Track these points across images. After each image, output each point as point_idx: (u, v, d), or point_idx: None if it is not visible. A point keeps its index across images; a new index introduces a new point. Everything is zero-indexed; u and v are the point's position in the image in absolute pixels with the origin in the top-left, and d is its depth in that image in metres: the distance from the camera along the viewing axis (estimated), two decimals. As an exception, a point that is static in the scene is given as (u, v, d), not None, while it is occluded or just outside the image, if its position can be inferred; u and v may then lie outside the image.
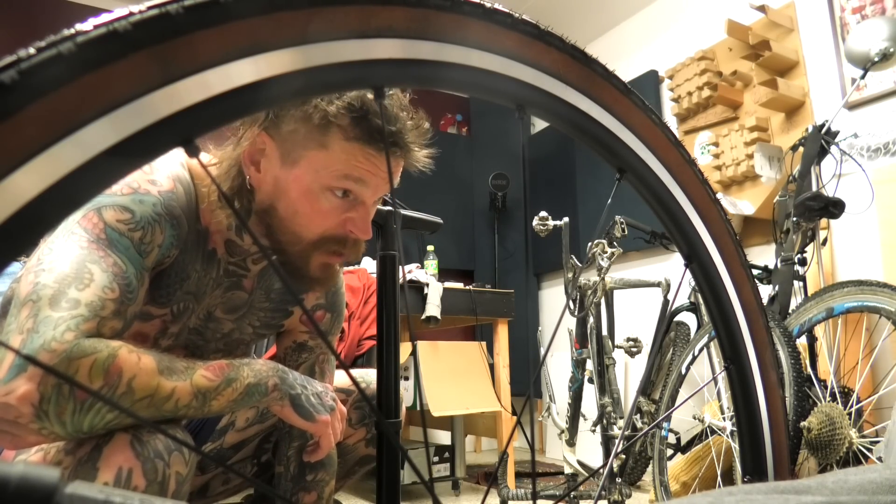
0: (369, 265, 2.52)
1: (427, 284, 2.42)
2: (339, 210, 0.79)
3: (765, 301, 0.91)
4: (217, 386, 0.72)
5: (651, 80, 3.30)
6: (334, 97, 0.73)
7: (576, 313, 2.06)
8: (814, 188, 1.90)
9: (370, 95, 0.73)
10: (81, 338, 0.62)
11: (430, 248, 2.96)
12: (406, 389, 2.53)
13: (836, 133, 1.90)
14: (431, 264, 2.88)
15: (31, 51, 0.23)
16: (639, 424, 2.10)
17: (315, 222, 0.79)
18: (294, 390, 0.82)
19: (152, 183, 0.77)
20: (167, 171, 0.80)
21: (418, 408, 2.49)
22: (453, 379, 2.53)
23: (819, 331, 1.81)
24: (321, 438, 0.86)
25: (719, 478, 1.91)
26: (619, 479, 1.78)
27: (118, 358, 0.63)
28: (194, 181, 0.83)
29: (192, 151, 0.28)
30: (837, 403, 1.56)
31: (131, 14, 0.25)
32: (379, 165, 0.77)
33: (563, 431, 2.08)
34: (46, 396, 0.59)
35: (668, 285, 2.26)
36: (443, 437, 3.16)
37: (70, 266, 0.67)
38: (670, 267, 3.08)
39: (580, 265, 2.19)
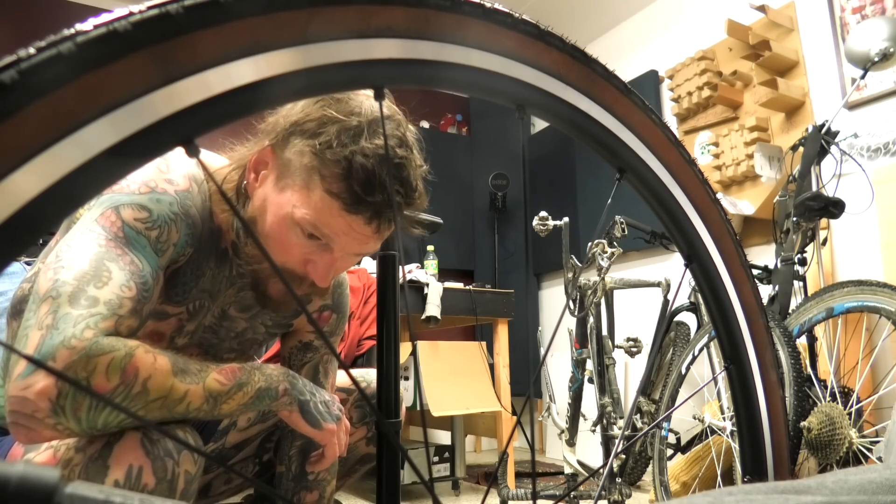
0: (369, 265, 2.52)
1: (427, 284, 2.42)
2: (305, 249, 0.78)
3: (765, 301, 0.91)
4: (229, 390, 0.72)
5: (651, 80, 3.30)
6: (332, 144, 0.72)
7: (576, 313, 2.06)
8: (814, 188, 1.90)
9: (361, 158, 0.71)
10: (100, 336, 0.63)
11: (430, 248, 2.96)
12: (406, 389, 2.53)
13: (836, 133, 1.90)
14: (431, 264, 2.88)
15: (31, 51, 0.23)
16: (639, 424, 2.10)
17: (278, 251, 0.79)
18: (303, 396, 0.82)
19: (169, 182, 0.78)
20: (183, 171, 0.80)
21: (418, 408, 2.49)
22: (453, 379, 2.53)
23: (819, 331, 1.81)
24: (326, 447, 0.86)
25: (719, 478, 1.91)
26: (619, 479, 1.78)
27: (135, 357, 0.64)
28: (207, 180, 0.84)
29: (193, 151, 0.28)
30: (837, 403, 1.56)
31: (131, 14, 0.25)
32: (353, 227, 0.76)
33: (563, 431, 2.08)
34: (64, 392, 0.60)
35: (668, 285, 2.26)
36: (443, 437, 3.16)
37: (89, 264, 0.67)
38: (670, 267, 3.08)
39: (580, 265, 2.19)
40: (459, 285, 2.68)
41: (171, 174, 0.79)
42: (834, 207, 1.74)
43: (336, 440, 0.85)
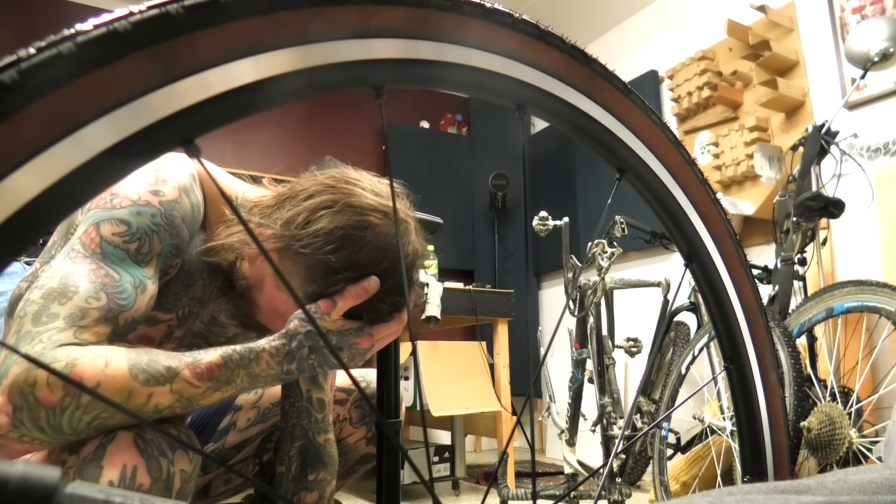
0: (369, 265, 2.52)
1: (427, 284, 2.42)
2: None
3: (765, 301, 0.91)
4: (203, 391, 0.70)
5: (651, 80, 3.30)
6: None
7: (576, 313, 2.06)
8: (814, 188, 1.90)
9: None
10: (50, 348, 0.62)
11: (431, 248, 2.96)
12: (406, 389, 2.53)
13: (836, 133, 1.90)
14: (431, 264, 2.88)
15: (31, 51, 0.23)
16: (639, 424, 2.10)
17: (268, 320, 0.81)
18: (307, 371, 0.76)
19: (154, 193, 0.77)
20: (174, 182, 0.80)
21: (418, 408, 2.49)
22: (453, 379, 2.53)
23: (819, 331, 1.81)
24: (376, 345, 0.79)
25: (719, 478, 1.91)
26: (619, 479, 1.78)
27: (77, 367, 0.62)
28: (205, 194, 0.84)
29: (193, 151, 0.28)
30: (837, 403, 1.56)
31: (131, 14, 0.25)
32: None
33: (563, 431, 2.08)
34: (18, 405, 0.60)
35: (668, 285, 2.26)
36: (443, 437, 3.16)
37: (58, 282, 0.68)
38: (670, 267, 3.08)
39: (580, 265, 2.19)
40: (459, 285, 2.68)
41: (159, 185, 0.79)
42: (834, 207, 1.74)
43: (378, 343, 0.79)
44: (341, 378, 1.09)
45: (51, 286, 0.68)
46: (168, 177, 0.80)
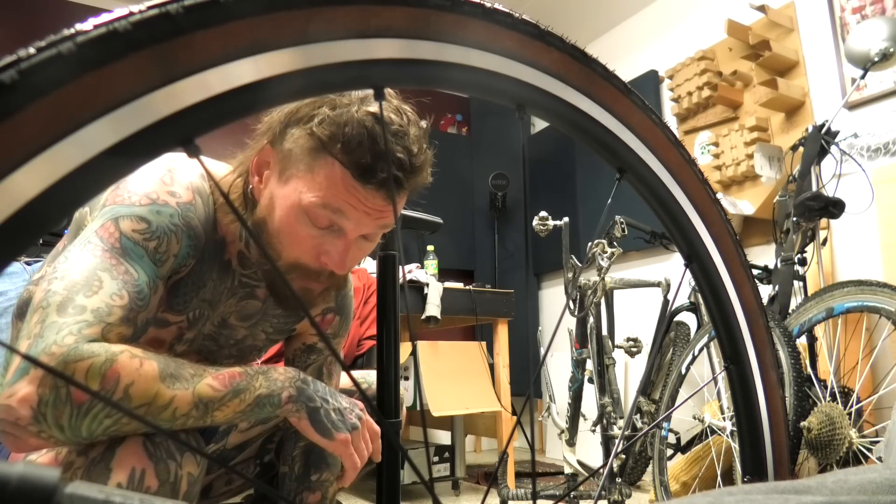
0: (369, 265, 2.52)
1: (427, 284, 2.42)
2: (316, 239, 0.77)
3: (765, 301, 0.91)
4: (222, 396, 0.70)
5: (651, 80, 3.30)
6: (326, 119, 0.72)
7: (576, 313, 2.06)
8: (814, 188, 1.90)
9: (356, 125, 0.72)
10: (82, 342, 0.62)
11: (431, 248, 2.96)
12: (406, 389, 2.53)
13: (836, 133, 1.90)
14: (431, 264, 2.88)
15: (31, 51, 0.23)
16: (639, 424, 2.10)
17: (290, 245, 0.78)
18: (313, 403, 0.78)
19: (171, 194, 0.77)
20: (187, 183, 0.80)
21: (418, 408, 2.49)
22: (453, 379, 2.53)
23: (819, 331, 1.81)
24: (343, 459, 0.81)
25: (719, 478, 1.91)
26: (619, 479, 1.78)
27: (116, 363, 0.62)
28: (211, 191, 0.84)
29: (192, 151, 0.28)
30: (837, 403, 1.56)
31: (131, 14, 0.25)
32: (362, 200, 0.75)
33: (563, 431, 2.08)
34: (44, 399, 0.59)
35: (668, 285, 2.26)
36: (443, 437, 3.16)
37: (81, 274, 0.67)
38: (670, 267, 3.08)
39: (580, 265, 2.19)
40: (459, 285, 2.68)
41: (175, 186, 0.78)
42: (834, 207, 1.74)
43: (352, 450, 0.80)
44: (342, 379, 1.09)
45: (73, 278, 0.67)
46: (181, 178, 0.80)
